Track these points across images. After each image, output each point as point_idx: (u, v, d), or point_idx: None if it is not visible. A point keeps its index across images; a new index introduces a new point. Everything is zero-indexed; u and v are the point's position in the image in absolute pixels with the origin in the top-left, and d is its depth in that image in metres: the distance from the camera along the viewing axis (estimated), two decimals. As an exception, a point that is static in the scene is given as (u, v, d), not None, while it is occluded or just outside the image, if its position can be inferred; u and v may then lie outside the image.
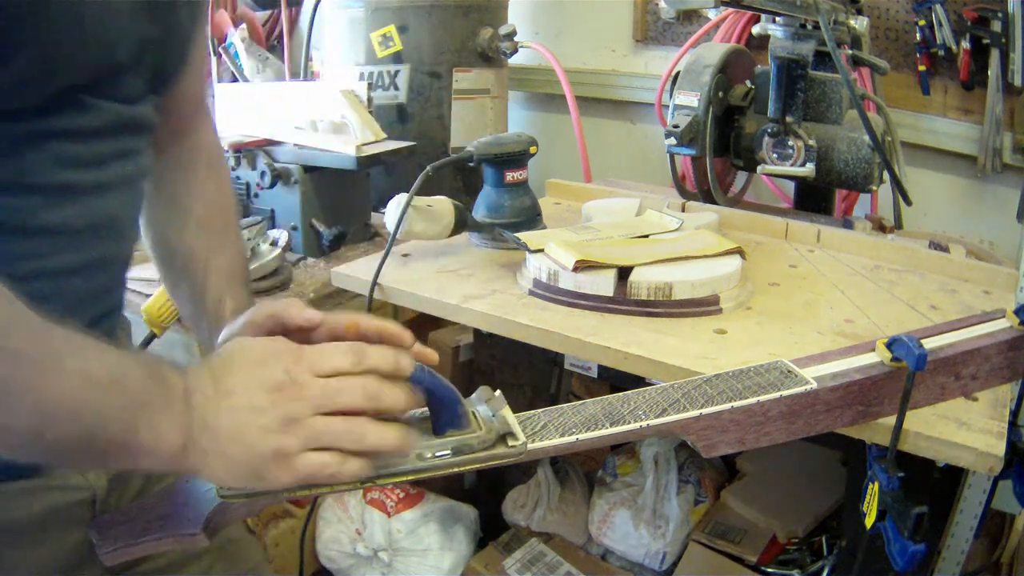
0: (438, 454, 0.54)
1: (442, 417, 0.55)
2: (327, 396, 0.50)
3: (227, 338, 0.59)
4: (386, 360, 0.52)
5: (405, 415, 0.56)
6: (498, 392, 0.59)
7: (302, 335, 0.56)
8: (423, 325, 1.48)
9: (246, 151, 1.49)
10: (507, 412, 0.57)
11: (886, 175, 1.33)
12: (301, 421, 0.49)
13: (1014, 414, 0.83)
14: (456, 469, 0.55)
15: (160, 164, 0.70)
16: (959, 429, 0.74)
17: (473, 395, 0.59)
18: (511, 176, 1.24)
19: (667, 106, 1.53)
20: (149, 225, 0.74)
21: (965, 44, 1.58)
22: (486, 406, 0.58)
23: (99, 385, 0.47)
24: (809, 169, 1.35)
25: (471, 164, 1.23)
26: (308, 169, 1.47)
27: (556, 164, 1.89)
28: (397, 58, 1.75)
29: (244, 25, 2.09)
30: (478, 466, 0.55)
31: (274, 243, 1.39)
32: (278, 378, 0.50)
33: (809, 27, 1.32)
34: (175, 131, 0.72)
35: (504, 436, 0.56)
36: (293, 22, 2.33)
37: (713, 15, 1.83)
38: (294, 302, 0.58)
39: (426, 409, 0.56)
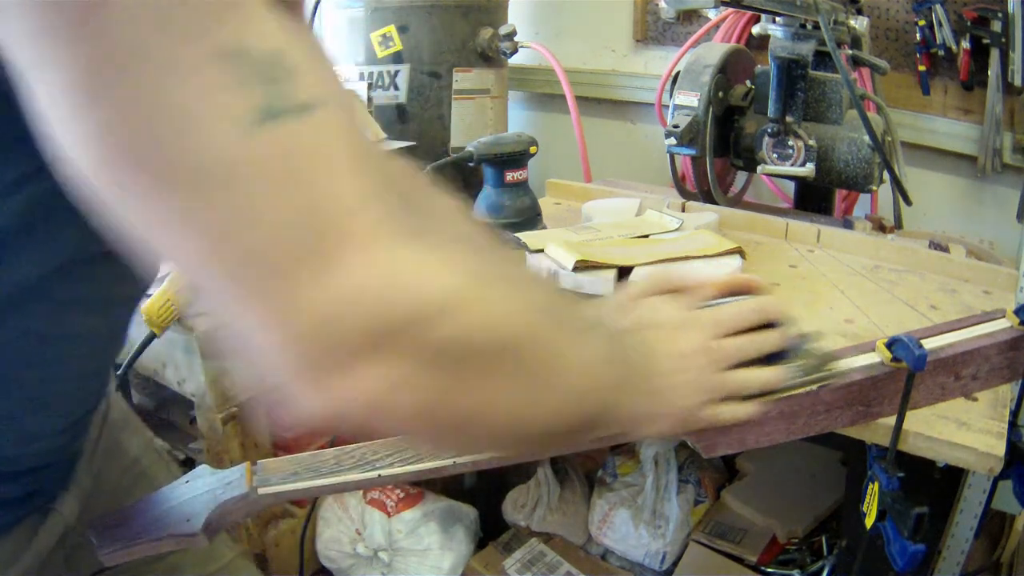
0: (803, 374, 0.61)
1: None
2: (741, 352, 0.57)
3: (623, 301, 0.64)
4: (765, 313, 0.60)
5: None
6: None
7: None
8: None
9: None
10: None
11: (886, 175, 1.33)
12: (721, 378, 0.56)
13: (1014, 414, 0.83)
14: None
15: None
16: (959, 429, 0.74)
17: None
18: (511, 176, 1.24)
19: (667, 106, 1.53)
20: None
21: (965, 44, 1.58)
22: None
23: (594, 370, 0.49)
24: (809, 169, 1.35)
25: (471, 164, 1.23)
26: (308, 169, 1.47)
27: (556, 164, 1.89)
28: (397, 58, 1.75)
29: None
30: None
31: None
32: (696, 346, 0.56)
33: (809, 27, 1.32)
34: None
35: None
36: (293, 22, 2.33)
37: (713, 15, 1.83)
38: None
39: None
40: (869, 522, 0.72)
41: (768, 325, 0.60)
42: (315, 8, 1.88)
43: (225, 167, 0.35)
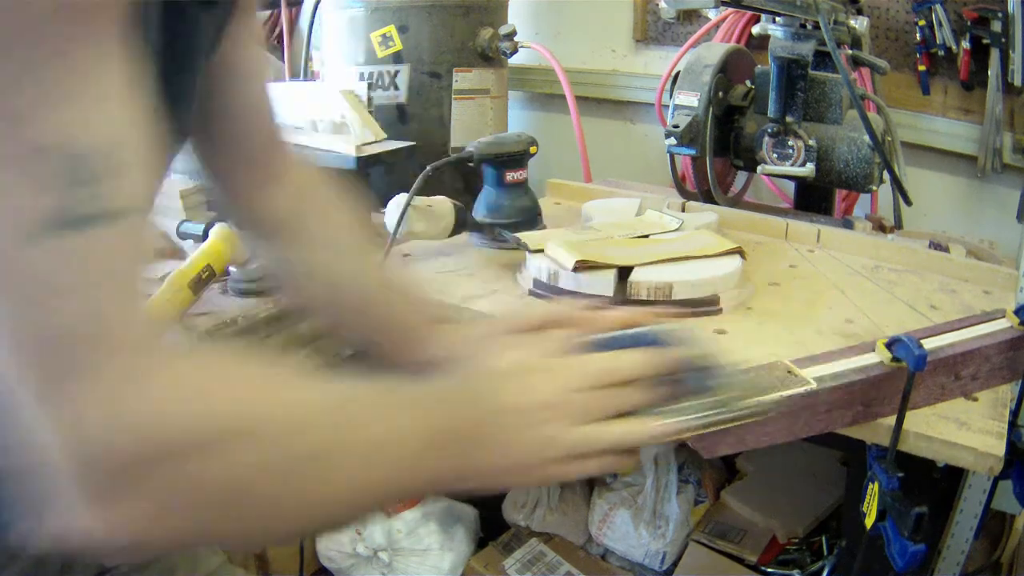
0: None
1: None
2: (598, 409, 0.53)
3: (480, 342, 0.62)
4: (652, 368, 0.55)
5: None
6: None
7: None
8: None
9: (246, 151, 1.49)
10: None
11: (886, 175, 1.33)
12: (572, 434, 0.52)
13: (1014, 414, 0.83)
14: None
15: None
16: (959, 429, 0.74)
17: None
18: (511, 176, 1.24)
19: (667, 106, 1.53)
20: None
21: (965, 44, 1.58)
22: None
23: (401, 450, 0.47)
24: (809, 169, 1.35)
25: (471, 164, 1.23)
26: (308, 169, 1.47)
27: (556, 164, 1.89)
28: (397, 58, 1.74)
29: (244, 25, 2.09)
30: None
31: (274, 243, 1.39)
32: (547, 398, 0.52)
33: (809, 27, 1.32)
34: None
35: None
36: (293, 22, 2.33)
37: (713, 15, 1.83)
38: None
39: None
40: (869, 522, 0.72)
41: (680, 361, 0.55)
42: (315, 8, 1.88)
43: (2, 272, 0.35)
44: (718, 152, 1.43)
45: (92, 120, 0.36)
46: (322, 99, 1.50)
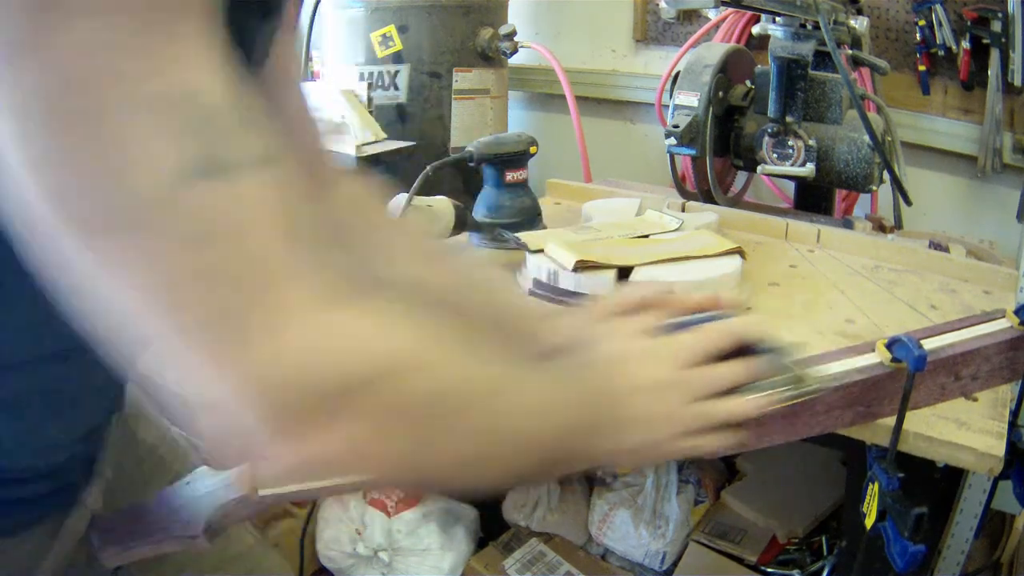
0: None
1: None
2: (711, 386, 0.56)
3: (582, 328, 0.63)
4: (732, 337, 0.58)
5: None
6: None
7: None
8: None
9: (246, 151, 1.49)
10: None
11: (886, 175, 1.33)
12: (692, 410, 0.55)
13: (1014, 414, 0.83)
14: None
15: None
16: (959, 429, 0.74)
17: None
18: (511, 176, 1.24)
19: (667, 106, 1.53)
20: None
21: (965, 44, 1.58)
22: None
23: (549, 413, 0.49)
24: (809, 169, 1.35)
25: (471, 164, 1.23)
26: (308, 169, 1.47)
27: (556, 164, 1.89)
28: (397, 58, 1.74)
29: (244, 25, 2.09)
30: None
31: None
32: (664, 376, 0.55)
33: (809, 27, 1.32)
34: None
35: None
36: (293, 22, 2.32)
37: (713, 15, 1.83)
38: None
39: None
40: (869, 522, 0.72)
41: (749, 346, 0.59)
42: (315, 8, 1.88)
43: (158, 216, 0.34)
44: (718, 152, 1.43)
45: (208, 80, 0.36)
46: (322, 99, 1.50)
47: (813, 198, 1.60)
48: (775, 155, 1.38)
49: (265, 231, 0.37)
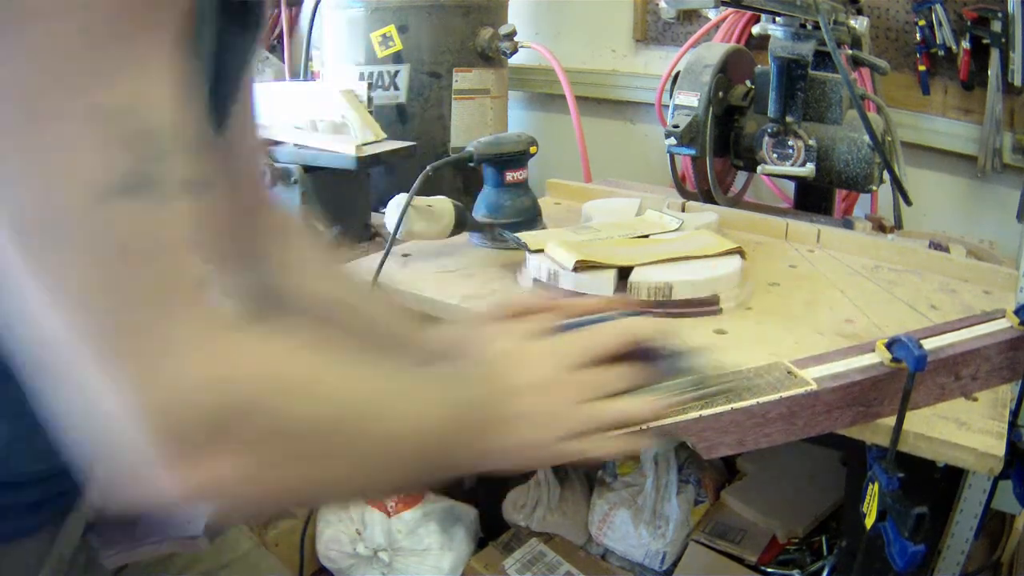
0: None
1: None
2: (600, 388, 0.54)
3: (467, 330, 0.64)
4: (626, 336, 0.57)
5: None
6: None
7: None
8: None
9: (246, 151, 1.49)
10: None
11: (886, 175, 1.33)
12: (580, 411, 0.54)
13: (1014, 414, 0.83)
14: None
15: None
16: (959, 429, 0.74)
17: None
18: (511, 176, 1.24)
19: (667, 106, 1.53)
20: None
21: (965, 44, 1.58)
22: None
23: (430, 422, 0.49)
24: (809, 169, 1.35)
25: (471, 164, 1.23)
26: (308, 169, 1.47)
27: (556, 164, 1.89)
28: (397, 58, 1.74)
29: (244, 25, 2.08)
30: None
31: (274, 243, 1.38)
32: (549, 376, 0.54)
33: (809, 27, 1.32)
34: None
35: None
36: (293, 22, 2.33)
37: (713, 15, 1.83)
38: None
39: None
40: (869, 522, 0.72)
41: (647, 348, 0.57)
42: (315, 8, 1.88)
43: (76, 226, 0.35)
44: (718, 152, 1.43)
45: (156, 99, 0.36)
46: (322, 99, 1.50)
47: (813, 198, 1.60)
48: (775, 155, 1.38)
49: (175, 255, 0.37)
